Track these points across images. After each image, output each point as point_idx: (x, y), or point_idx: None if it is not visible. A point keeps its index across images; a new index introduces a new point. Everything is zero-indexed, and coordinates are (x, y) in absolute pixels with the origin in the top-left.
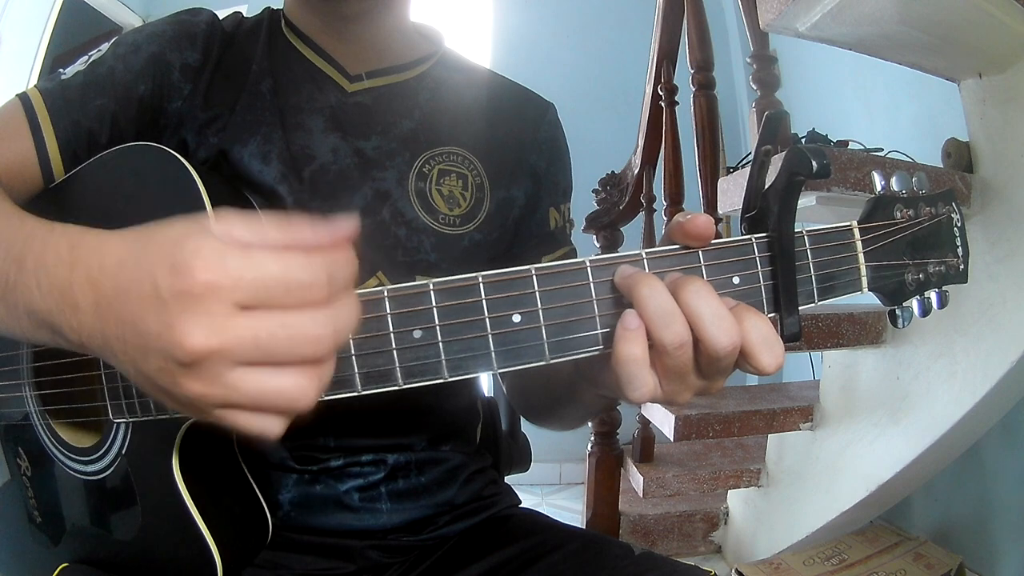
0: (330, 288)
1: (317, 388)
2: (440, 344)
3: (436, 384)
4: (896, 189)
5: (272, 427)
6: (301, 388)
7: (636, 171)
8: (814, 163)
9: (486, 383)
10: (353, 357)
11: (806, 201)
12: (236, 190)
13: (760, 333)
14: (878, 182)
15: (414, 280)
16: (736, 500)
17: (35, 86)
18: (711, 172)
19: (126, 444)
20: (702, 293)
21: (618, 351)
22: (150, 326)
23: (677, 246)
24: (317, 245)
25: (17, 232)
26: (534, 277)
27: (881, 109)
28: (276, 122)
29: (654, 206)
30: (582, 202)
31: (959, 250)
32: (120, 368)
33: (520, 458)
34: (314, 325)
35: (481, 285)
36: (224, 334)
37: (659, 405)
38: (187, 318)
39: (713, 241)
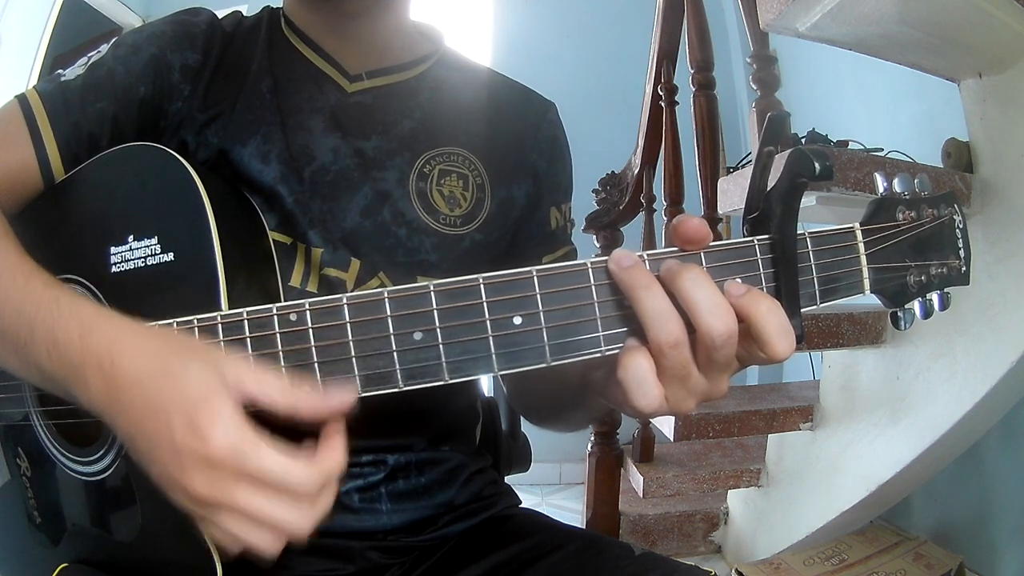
0: (319, 491)
1: (281, 545)
2: (441, 346)
3: (437, 386)
4: (898, 191)
5: (233, 548)
6: (270, 543)
7: (636, 171)
8: (817, 165)
9: (486, 383)
10: (354, 359)
11: (806, 201)
12: (236, 190)
13: (777, 319)
14: (880, 183)
15: (415, 280)
16: (736, 500)
17: (34, 87)
18: (711, 172)
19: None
20: (699, 281)
21: (623, 362)
22: (162, 454)
23: (677, 248)
24: (317, 418)
25: (26, 295)
26: (535, 279)
27: (881, 109)
28: (276, 122)
29: (654, 206)
30: (582, 202)
31: (961, 252)
32: (123, 441)
33: (520, 458)
34: (297, 518)
35: (482, 287)
36: (223, 494)
37: None
38: (195, 472)
39: (715, 243)
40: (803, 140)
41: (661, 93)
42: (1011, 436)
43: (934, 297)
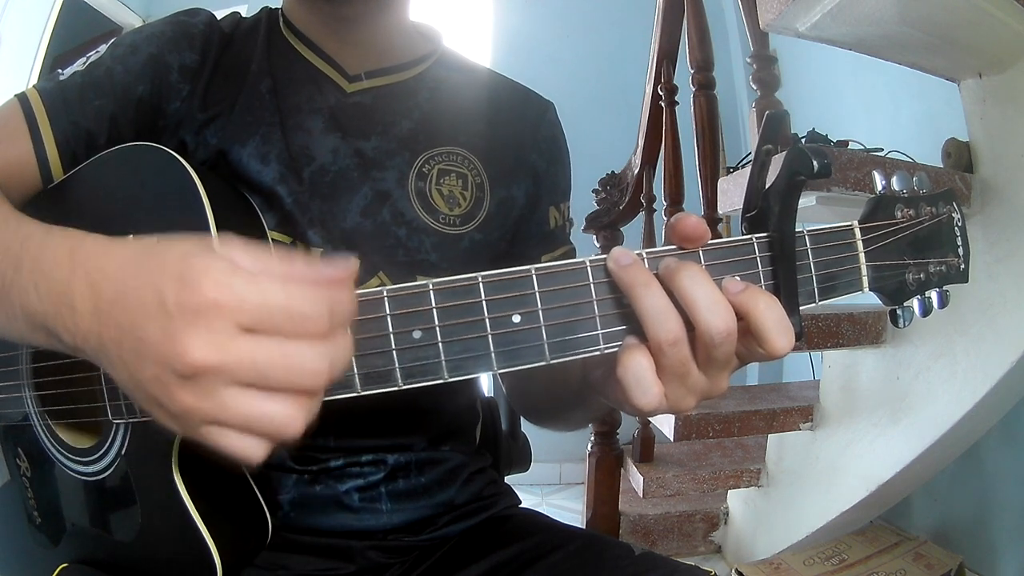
0: (331, 322)
1: (305, 419)
2: (440, 345)
3: (436, 385)
4: (897, 189)
5: (255, 451)
6: (290, 416)
7: (636, 171)
8: (815, 163)
9: (486, 383)
10: (353, 357)
11: (806, 201)
12: (235, 190)
13: (775, 315)
14: (879, 182)
15: (415, 280)
16: (736, 500)
17: (34, 86)
18: (711, 172)
19: (125, 445)
20: (697, 279)
21: (622, 361)
22: (151, 334)
23: (676, 247)
24: (318, 280)
25: (14, 234)
26: (534, 277)
27: (881, 109)
28: (275, 122)
29: (654, 206)
30: (582, 202)
31: (960, 250)
32: (112, 373)
33: (520, 458)
34: (312, 357)
35: (481, 285)
36: (225, 352)
37: None
38: (190, 331)
39: (713, 241)
40: (803, 140)
41: (661, 93)
42: (1011, 436)
43: (933, 295)
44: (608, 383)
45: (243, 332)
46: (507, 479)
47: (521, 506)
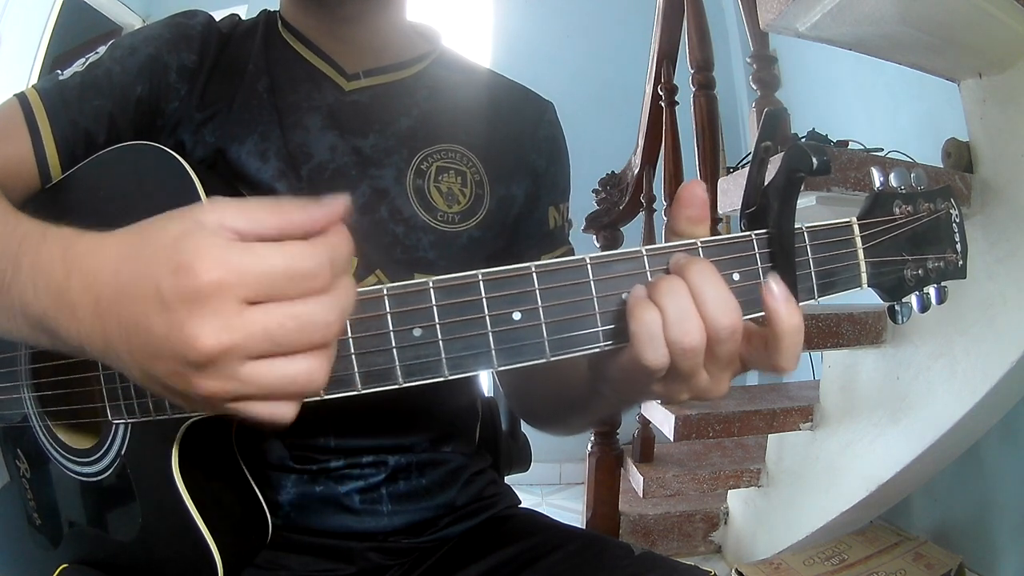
0: (332, 272)
1: (327, 370)
2: (440, 342)
3: (436, 383)
4: (895, 185)
5: (285, 412)
6: (312, 372)
7: (636, 171)
8: (814, 159)
9: (486, 383)
10: (353, 356)
11: (806, 201)
12: (233, 188)
13: (782, 291)
14: (877, 178)
15: (412, 278)
16: (736, 500)
17: (33, 86)
18: (711, 172)
19: (125, 445)
20: (706, 275)
21: (636, 314)
22: (157, 329)
23: (677, 243)
24: (313, 228)
25: (12, 233)
26: (534, 275)
27: (881, 109)
28: (273, 120)
29: (654, 206)
30: (582, 202)
31: (958, 246)
32: (124, 371)
33: (520, 458)
34: (321, 312)
35: (481, 283)
36: (235, 332)
37: (659, 405)
38: (196, 320)
39: (713, 237)
40: (803, 139)
41: (661, 93)
42: (1011, 436)
43: (931, 291)
44: (613, 358)
45: (249, 305)
46: (507, 479)
47: (521, 506)
